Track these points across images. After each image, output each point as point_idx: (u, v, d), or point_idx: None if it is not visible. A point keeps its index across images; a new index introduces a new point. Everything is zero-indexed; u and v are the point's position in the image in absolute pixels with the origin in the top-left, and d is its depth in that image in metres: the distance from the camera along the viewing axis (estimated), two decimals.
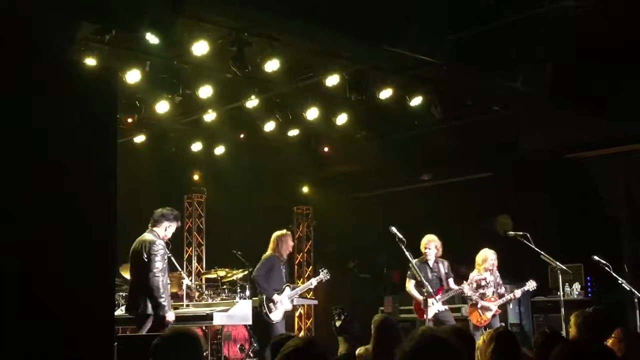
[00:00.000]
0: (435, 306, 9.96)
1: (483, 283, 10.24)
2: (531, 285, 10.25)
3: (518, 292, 10.25)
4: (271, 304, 9.67)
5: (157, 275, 8.03)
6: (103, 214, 5.33)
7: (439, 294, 10.11)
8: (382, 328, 6.04)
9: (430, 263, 10.26)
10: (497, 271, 10.38)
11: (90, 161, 5.31)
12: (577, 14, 8.89)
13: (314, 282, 10.48)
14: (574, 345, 3.36)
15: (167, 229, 8.40)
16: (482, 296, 10.21)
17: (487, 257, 10.29)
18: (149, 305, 8.00)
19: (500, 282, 10.36)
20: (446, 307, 10.22)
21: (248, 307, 9.75)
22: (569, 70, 9.83)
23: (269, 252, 10.05)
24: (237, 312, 9.61)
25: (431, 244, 10.23)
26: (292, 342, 3.30)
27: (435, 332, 3.07)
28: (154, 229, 8.35)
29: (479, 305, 10.23)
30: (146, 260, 8.07)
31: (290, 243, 10.14)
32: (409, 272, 10.20)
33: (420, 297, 9.62)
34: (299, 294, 10.23)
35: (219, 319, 9.51)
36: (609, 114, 10.32)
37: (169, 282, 8.40)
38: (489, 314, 10.19)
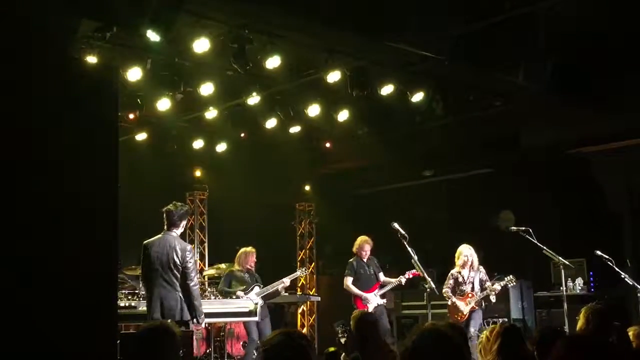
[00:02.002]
0: (375, 299, 10.52)
1: (460, 280, 10.12)
2: (510, 280, 10.12)
3: (497, 287, 10.00)
4: None
5: (197, 283, 8.04)
6: (105, 212, 5.33)
7: (375, 289, 10.56)
8: (360, 323, 6.17)
9: (365, 260, 10.66)
10: (482, 268, 10.18)
11: (92, 159, 5.30)
12: (577, 9, 8.89)
13: (287, 280, 10.62)
14: (575, 340, 3.36)
15: (183, 227, 8.28)
16: (461, 293, 10.07)
17: (460, 252, 10.19)
18: (187, 313, 7.90)
19: (485, 278, 10.12)
20: (385, 300, 10.68)
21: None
22: (571, 65, 9.82)
23: (233, 267, 10.61)
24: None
25: (367, 245, 10.66)
26: (271, 338, 3.29)
27: (437, 327, 3.07)
28: (176, 230, 8.07)
29: (449, 302, 10.14)
30: (181, 268, 7.87)
31: (251, 260, 10.53)
32: (347, 270, 10.69)
33: (359, 292, 10.50)
34: (269, 292, 10.38)
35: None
36: (610, 109, 10.32)
37: None
38: (464, 310, 10.00)
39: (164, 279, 7.85)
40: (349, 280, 10.61)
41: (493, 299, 10.16)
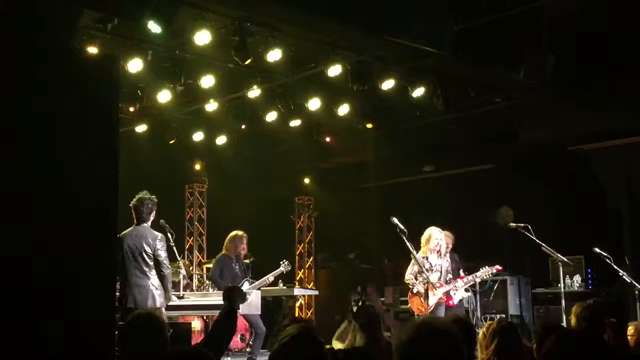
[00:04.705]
0: (461, 292, 9.73)
1: (427, 266, 9.33)
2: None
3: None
4: None
5: (169, 269, 8.38)
6: (105, 203, 5.33)
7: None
8: (364, 316, 6.22)
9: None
10: (449, 255, 9.66)
11: (92, 150, 5.30)
12: (578, 5, 8.88)
13: (270, 277, 10.42)
14: (566, 335, 3.37)
15: (153, 218, 8.44)
16: (425, 281, 9.19)
17: (431, 236, 9.46)
18: (158, 300, 8.13)
19: (449, 268, 9.58)
20: (469, 293, 10.13)
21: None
22: (571, 61, 9.82)
23: (222, 251, 10.30)
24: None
25: (448, 239, 9.97)
26: (289, 330, 3.31)
27: (433, 321, 3.06)
28: (146, 223, 8.32)
29: (415, 291, 9.34)
30: (153, 257, 8.19)
31: (242, 245, 10.22)
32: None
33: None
34: (257, 288, 10.17)
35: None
36: (610, 106, 10.32)
37: None
38: (430, 301, 9.23)
39: (137, 269, 8.19)
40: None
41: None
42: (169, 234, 9.15)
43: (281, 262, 10.63)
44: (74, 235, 5.08)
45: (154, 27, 7.60)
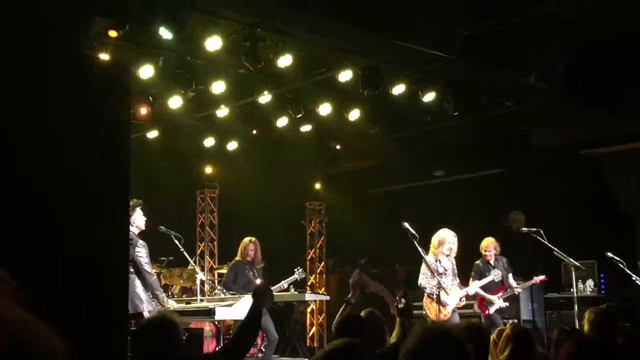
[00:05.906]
0: (498, 302, 9.92)
1: (441, 270, 9.26)
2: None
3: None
4: None
5: (150, 274, 8.26)
6: (116, 209, 5.34)
7: (500, 291, 9.99)
8: (369, 321, 6.25)
9: (492, 263, 10.11)
10: (453, 258, 9.53)
11: (103, 156, 5.31)
12: (589, 9, 8.87)
13: (284, 284, 10.44)
14: (583, 340, 3.36)
15: (134, 222, 8.31)
16: (438, 286, 8.81)
17: (445, 239, 9.43)
18: (138, 305, 8.07)
19: (456, 271, 9.58)
20: (507, 304, 10.08)
21: None
22: (583, 65, 9.80)
23: (236, 257, 10.35)
24: (243, 307, 9.46)
25: (491, 246, 10.10)
26: (336, 342, 3.33)
27: (439, 327, 3.04)
28: (131, 231, 8.28)
29: (434, 297, 9.06)
30: (134, 263, 8.08)
31: (248, 250, 10.24)
32: (472, 273, 10.08)
33: (487, 295, 9.87)
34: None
35: (221, 314, 8.98)
36: (621, 110, 10.29)
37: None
38: (450, 307, 9.24)
39: None
40: (474, 283, 9.91)
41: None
42: (176, 240, 9.14)
43: (295, 270, 10.64)
44: (86, 241, 5.09)
45: (165, 33, 7.63)
